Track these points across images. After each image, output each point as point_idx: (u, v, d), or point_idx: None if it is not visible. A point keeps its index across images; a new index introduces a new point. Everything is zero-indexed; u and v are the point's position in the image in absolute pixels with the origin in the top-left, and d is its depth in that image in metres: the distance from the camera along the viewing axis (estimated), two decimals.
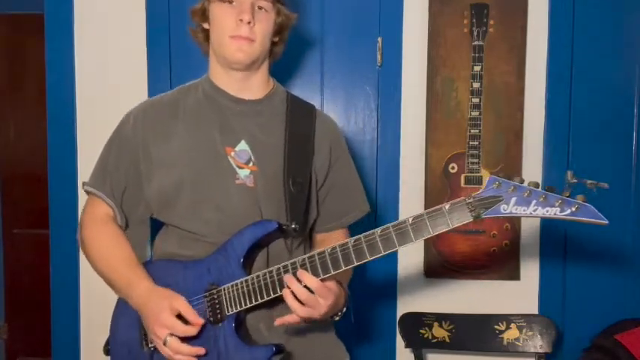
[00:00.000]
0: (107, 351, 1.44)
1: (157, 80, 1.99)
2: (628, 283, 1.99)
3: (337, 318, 1.30)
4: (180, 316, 1.23)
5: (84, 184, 1.44)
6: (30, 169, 3.01)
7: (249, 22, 1.29)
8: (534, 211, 1.03)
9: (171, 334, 1.22)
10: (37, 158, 2.44)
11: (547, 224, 1.98)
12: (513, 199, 1.05)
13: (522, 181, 1.06)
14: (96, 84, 2.03)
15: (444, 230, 1.11)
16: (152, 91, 2.00)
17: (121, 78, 2.02)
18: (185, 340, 1.23)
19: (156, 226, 1.47)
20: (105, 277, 1.38)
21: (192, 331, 1.23)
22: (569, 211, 1.01)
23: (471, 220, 1.08)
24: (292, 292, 1.18)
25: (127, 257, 1.36)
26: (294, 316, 1.20)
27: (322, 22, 1.97)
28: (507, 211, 1.05)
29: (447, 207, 1.10)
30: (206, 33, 1.40)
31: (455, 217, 1.10)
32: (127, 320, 1.37)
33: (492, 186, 1.07)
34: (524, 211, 1.04)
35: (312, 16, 1.95)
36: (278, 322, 1.23)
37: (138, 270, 1.33)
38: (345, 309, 1.30)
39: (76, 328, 2.07)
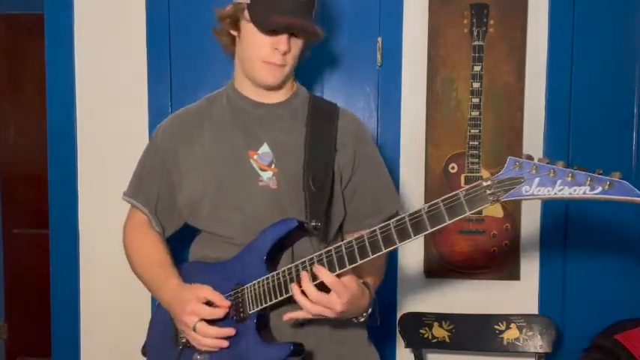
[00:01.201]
0: (144, 352, 1.50)
1: (157, 80, 1.99)
2: (628, 283, 1.99)
3: (362, 319, 1.29)
4: (208, 305, 1.28)
5: (123, 193, 1.51)
6: (30, 169, 3.01)
7: (284, 53, 1.31)
8: (560, 191, 0.93)
9: (200, 320, 1.26)
10: (37, 158, 2.44)
11: (547, 224, 1.98)
12: (536, 180, 0.95)
13: (549, 162, 0.96)
14: (96, 84, 2.03)
15: (462, 217, 1.03)
16: (152, 91, 2.00)
17: (120, 78, 2.02)
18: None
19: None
20: (141, 279, 1.46)
21: (219, 312, 1.27)
22: (600, 189, 0.91)
23: (489, 204, 1.00)
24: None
25: (160, 259, 1.42)
26: (304, 312, 1.19)
27: (322, 22, 1.96)
28: (530, 193, 0.95)
29: (464, 192, 1.03)
30: (232, 38, 1.41)
31: (472, 203, 1.01)
32: (162, 320, 1.42)
33: (513, 167, 0.97)
34: (548, 192, 0.94)
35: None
36: (287, 316, 1.23)
37: (167, 270, 1.39)
38: (370, 310, 1.29)
39: (76, 328, 2.07)
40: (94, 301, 2.06)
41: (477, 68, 1.94)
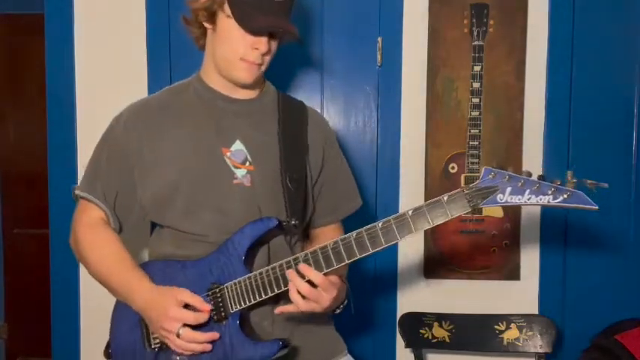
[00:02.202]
0: (108, 354, 1.43)
1: (157, 80, 1.99)
2: (628, 283, 1.99)
3: (339, 311, 1.32)
4: (186, 308, 1.25)
5: (74, 188, 1.43)
6: (30, 169, 3.01)
7: (264, 53, 1.30)
8: (529, 199, 1.08)
9: (183, 326, 1.23)
10: (37, 158, 2.44)
11: (547, 224, 1.99)
12: (509, 189, 1.09)
13: (516, 172, 1.11)
14: (96, 84, 2.03)
15: (444, 221, 1.14)
16: (152, 90, 1.99)
17: (121, 78, 2.02)
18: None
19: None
20: (103, 282, 1.38)
21: (203, 317, 1.25)
22: (561, 199, 1.06)
23: (469, 209, 1.12)
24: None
25: (124, 260, 1.35)
26: (294, 306, 1.21)
27: (322, 23, 1.97)
28: (503, 201, 1.09)
29: (446, 198, 1.14)
30: (204, 30, 1.37)
31: (453, 208, 1.13)
32: (128, 322, 1.37)
33: (488, 177, 1.11)
34: (519, 199, 1.08)
35: (312, 16, 1.95)
36: (278, 310, 1.24)
37: (136, 272, 1.33)
38: (345, 301, 1.32)
39: (76, 328, 2.07)
40: (94, 301, 2.06)
41: (477, 68, 1.94)
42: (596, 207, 1.05)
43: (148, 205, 1.36)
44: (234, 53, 1.29)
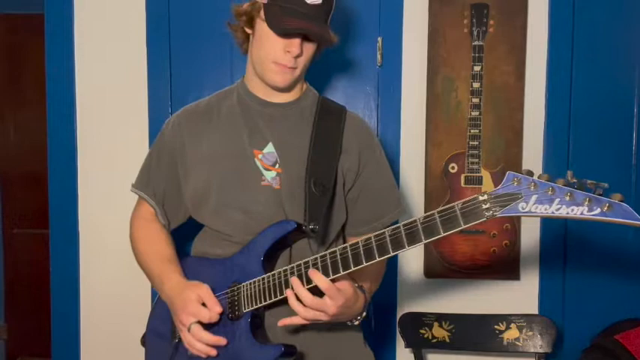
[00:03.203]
0: (143, 342, 1.52)
1: (157, 80, 1.99)
2: (628, 283, 1.99)
3: (356, 322, 1.29)
4: (204, 306, 1.28)
5: (132, 185, 1.51)
6: (30, 169, 3.02)
7: (296, 56, 1.31)
8: (557, 210, 0.92)
9: (196, 322, 1.26)
10: (37, 158, 2.44)
11: (547, 224, 1.98)
12: (534, 197, 0.94)
13: (549, 179, 0.95)
14: (96, 84, 2.03)
15: (456, 230, 1.03)
16: (152, 91, 2.00)
17: (121, 78, 2.02)
18: (207, 331, 1.28)
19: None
20: (144, 271, 1.47)
21: (214, 317, 1.27)
22: (598, 211, 0.90)
23: (485, 219, 0.99)
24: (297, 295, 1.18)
25: (164, 253, 1.43)
26: (298, 318, 1.19)
27: None
28: (526, 210, 0.94)
29: (460, 206, 1.02)
30: (246, 35, 1.40)
31: (467, 217, 1.01)
32: (162, 314, 1.43)
33: (511, 182, 0.97)
34: (545, 210, 0.93)
35: None
36: (281, 323, 1.23)
37: (172, 265, 1.40)
38: (364, 314, 1.29)
39: (76, 328, 2.07)
40: (94, 301, 2.06)
41: (477, 68, 1.94)
42: None
43: (189, 203, 1.43)
44: (268, 56, 1.32)
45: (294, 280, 1.18)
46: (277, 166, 1.35)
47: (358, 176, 1.41)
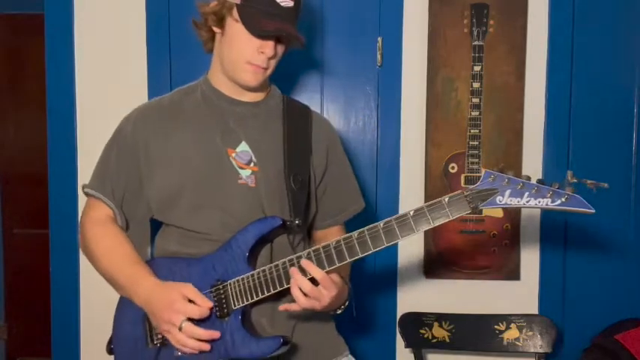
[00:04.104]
0: (110, 350, 1.45)
1: (157, 80, 1.99)
2: (628, 283, 1.99)
3: (339, 311, 1.34)
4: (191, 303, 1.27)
5: (84, 186, 1.45)
6: (30, 169, 3.02)
7: (270, 57, 1.33)
8: (527, 202, 1.11)
9: (186, 320, 1.25)
10: (37, 158, 2.44)
11: (547, 224, 1.98)
12: (508, 191, 1.12)
13: (515, 175, 1.13)
14: (96, 84, 2.03)
15: (445, 221, 1.16)
16: (152, 91, 2.00)
17: (121, 78, 2.02)
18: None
19: (155, 226, 1.47)
20: (108, 277, 1.40)
21: (205, 312, 1.26)
22: (559, 202, 1.09)
23: (469, 211, 1.15)
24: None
25: (130, 256, 1.38)
26: (297, 305, 1.24)
27: (322, 22, 1.97)
28: (503, 202, 1.12)
29: (446, 199, 1.16)
30: (212, 33, 1.41)
31: (454, 209, 1.16)
32: (131, 318, 1.39)
33: (488, 179, 1.14)
34: (518, 202, 1.11)
35: (312, 16, 1.95)
36: (282, 307, 1.27)
37: (141, 267, 1.35)
38: (347, 303, 1.34)
39: (76, 328, 2.07)
40: (94, 301, 2.06)
41: (477, 68, 1.95)
42: (593, 210, 1.08)
43: (154, 203, 1.39)
44: (241, 56, 1.32)
45: (295, 271, 1.22)
46: (252, 164, 1.36)
47: (325, 172, 1.47)
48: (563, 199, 1.09)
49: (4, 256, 3.18)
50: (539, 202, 1.10)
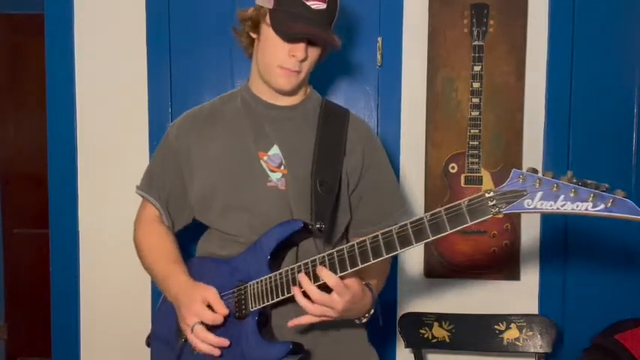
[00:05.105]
0: (149, 343, 1.53)
1: (157, 80, 1.99)
2: (628, 283, 1.99)
3: (364, 320, 1.31)
4: (210, 307, 1.30)
5: (137, 187, 1.53)
6: (30, 169, 3.02)
7: (301, 60, 1.33)
8: (562, 206, 0.95)
9: (200, 323, 1.28)
10: (37, 158, 2.44)
11: (547, 224, 1.98)
12: (539, 194, 0.96)
13: (554, 176, 0.97)
14: (96, 84, 2.03)
15: (462, 227, 1.05)
16: (152, 91, 2.00)
17: (121, 78, 2.02)
18: (212, 331, 1.29)
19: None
20: (149, 272, 1.48)
21: (219, 319, 1.28)
22: (602, 206, 0.92)
23: (491, 216, 1.02)
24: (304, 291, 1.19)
25: (169, 253, 1.45)
26: (309, 316, 1.21)
27: None
28: (532, 207, 0.97)
29: (466, 203, 1.05)
30: (251, 39, 1.42)
31: (474, 213, 1.04)
32: (168, 314, 1.43)
33: (516, 179, 0.99)
34: (550, 206, 0.95)
35: None
36: (291, 323, 1.24)
37: (177, 265, 1.42)
38: (372, 311, 1.31)
39: (76, 328, 2.07)
40: (94, 301, 2.06)
41: (477, 68, 1.94)
42: None
43: (195, 205, 1.45)
44: (273, 60, 1.34)
45: (302, 277, 1.20)
46: (282, 167, 1.37)
47: (361, 177, 1.43)
48: (609, 204, 0.92)
49: (4, 256, 3.18)
50: (577, 206, 0.93)
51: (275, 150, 1.38)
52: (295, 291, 1.19)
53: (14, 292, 3.19)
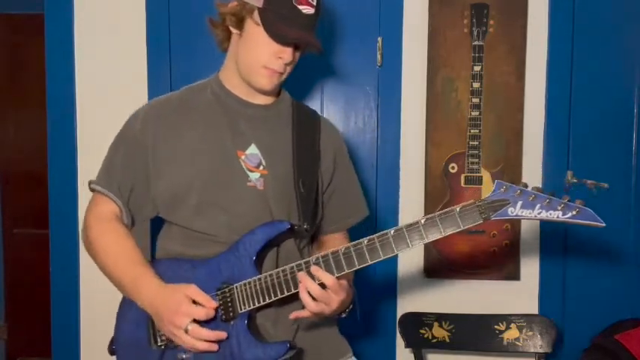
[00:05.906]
0: (112, 351, 1.44)
1: (157, 80, 1.99)
2: (628, 283, 1.99)
3: (344, 315, 1.34)
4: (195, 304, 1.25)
5: (90, 182, 1.42)
6: (30, 169, 3.02)
7: (287, 63, 1.33)
8: (539, 214, 1.11)
9: (192, 321, 1.23)
10: (37, 158, 2.44)
11: (547, 224, 1.98)
12: (519, 203, 1.12)
13: (526, 186, 1.13)
14: (96, 84, 2.03)
15: (455, 231, 1.16)
16: (152, 91, 2.00)
17: (121, 78, 2.02)
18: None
19: (156, 225, 1.47)
20: (111, 276, 1.38)
21: (211, 313, 1.25)
22: (570, 215, 1.09)
23: (481, 221, 1.15)
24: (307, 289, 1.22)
25: (134, 256, 1.34)
26: (307, 311, 1.23)
27: (322, 22, 1.96)
28: (514, 214, 1.12)
29: (458, 209, 1.16)
30: (228, 33, 1.39)
31: (466, 219, 1.15)
32: (134, 319, 1.37)
33: (500, 190, 1.14)
34: (529, 213, 1.12)
35: None
36: (292, 316, 1.26)
37: (145, 268, 1.33)
38: (351, 306, 1.34)
39: (76, 328, 2.07)
40: (94, 301, 2.06)
41: (477, 68, 1.95)
42: (603, 224, 1.09)
43: (161, 201, 1.37)
44: (258, 60, 1.32)
45: (304, 276, 1.21)
46: (262, 167, 1.35)
47: (332, 178, 1.46)
48: (574, 212, 1.09)
49: (4, 256, 3.18)
50: (551, 214, 1.10)
51: (253, 149, 1.35)
52: (301, 288, 1.21)
53: (14, 292, 3.18)
